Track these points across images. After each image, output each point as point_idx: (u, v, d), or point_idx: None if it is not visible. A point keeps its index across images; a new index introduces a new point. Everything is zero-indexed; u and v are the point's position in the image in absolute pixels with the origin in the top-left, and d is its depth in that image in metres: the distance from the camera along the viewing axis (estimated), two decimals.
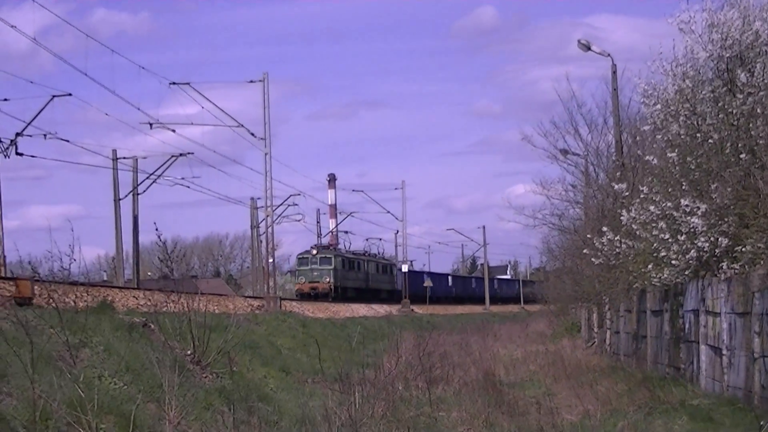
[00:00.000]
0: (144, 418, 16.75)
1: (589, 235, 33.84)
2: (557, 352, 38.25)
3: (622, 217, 28.03)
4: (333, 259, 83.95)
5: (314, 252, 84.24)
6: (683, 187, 24.44)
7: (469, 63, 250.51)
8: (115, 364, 19.80)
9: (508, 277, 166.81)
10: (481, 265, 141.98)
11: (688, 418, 18.94)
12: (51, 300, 20.20)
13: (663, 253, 25.15)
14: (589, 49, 38.66)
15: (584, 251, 35.48)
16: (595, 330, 43.28)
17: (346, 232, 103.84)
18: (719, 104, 23.78)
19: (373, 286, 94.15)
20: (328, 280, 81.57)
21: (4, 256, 50.01)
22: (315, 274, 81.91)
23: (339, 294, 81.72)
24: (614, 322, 36.63)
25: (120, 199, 64.74)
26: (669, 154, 24.97)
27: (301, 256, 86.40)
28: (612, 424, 19.45)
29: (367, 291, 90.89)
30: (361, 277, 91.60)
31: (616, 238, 29.33)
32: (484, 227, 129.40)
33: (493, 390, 25.05)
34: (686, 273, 24.71)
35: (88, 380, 17.32)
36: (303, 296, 78.60)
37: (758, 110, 22.73)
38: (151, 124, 56.95)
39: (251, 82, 58.62)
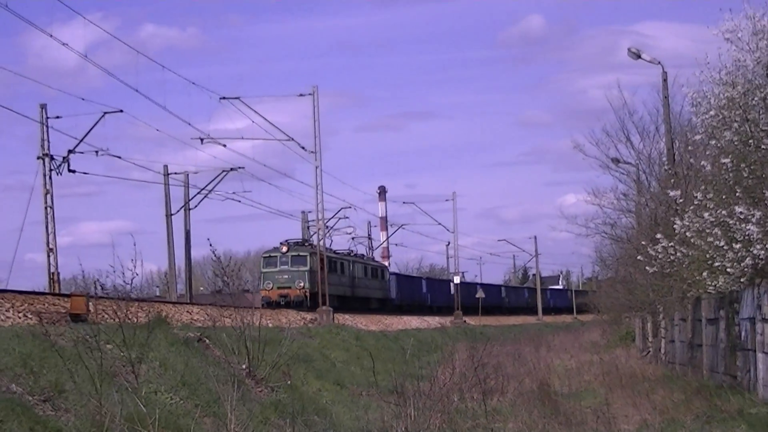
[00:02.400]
0: None
1: (643, 243, 33.57)
2: (612, 362, 38.05)
3: (675, 225, 27.87)
4: (308, 258, 64.10)
5: (284, 249, 64.81)
6: (737, 194, 24.27)
7: (517, 72, 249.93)
8: (171, 379, 19.95)
9: (560, 287, 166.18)
10: (533, 275, 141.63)
11: (746, 427, 18.78)
12: (114, 316, 20.35)
13: (718, 261, 24.99)
14: (639, 57, 38.44)
15: (638, 258, 35.27)
16: (650, 339, 43.01)
17: (397, 245, 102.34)
18: None
19: (360, 294, 75.72)
20: (302, 284, 62.54)
21: (59, 273, 50.49)
22: (285, 277, 62.68)
23: (316, 302, 60.12)
24: (669, 330, 36.39)
25: (172, 215, 65.12)
26: (722, 161, 24.80)
27: (267, 255, 66.62)
28: None
29: (353, 299, 72.36)
30: (345, 282, 72.38)
31: (670, 245, 29.12)
32: (535, 237, 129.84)
33: (549, 400, 24.98)
34: (742, 281, 24.51)
35: (145, 395, 17.47)
36: (270, 305, 57.04)
37: None
38: (201, 139, 57.25)
39: (301, 95, 58.50)
